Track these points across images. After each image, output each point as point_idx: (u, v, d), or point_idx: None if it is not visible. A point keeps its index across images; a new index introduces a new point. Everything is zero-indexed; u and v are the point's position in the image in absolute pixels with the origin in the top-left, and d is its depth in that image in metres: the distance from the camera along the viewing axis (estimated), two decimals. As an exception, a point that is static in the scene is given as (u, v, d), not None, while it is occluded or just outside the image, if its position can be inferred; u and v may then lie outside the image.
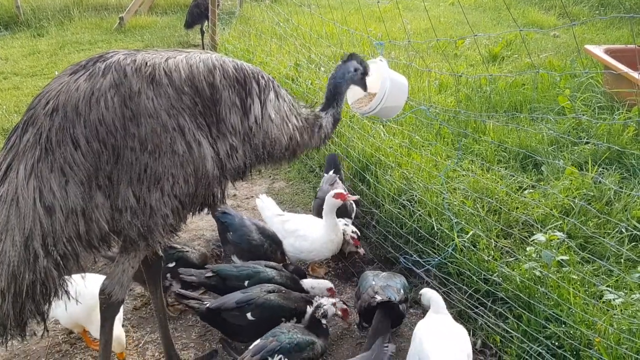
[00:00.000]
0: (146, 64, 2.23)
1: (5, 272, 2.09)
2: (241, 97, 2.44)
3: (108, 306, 2.51)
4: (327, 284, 3.50)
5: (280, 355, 2.71)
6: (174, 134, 2.22)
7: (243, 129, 2.45)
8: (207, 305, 3.12)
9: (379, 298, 3.07)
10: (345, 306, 3.25)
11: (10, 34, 10.90)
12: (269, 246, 3.73)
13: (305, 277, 3.60)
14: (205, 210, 2.58)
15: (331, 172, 4.47)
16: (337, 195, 3.70)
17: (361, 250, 3.94)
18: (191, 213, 2.48)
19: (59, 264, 2.14)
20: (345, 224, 3.94)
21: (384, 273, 3.40)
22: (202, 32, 9.01)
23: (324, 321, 3.04)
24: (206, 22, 8.80)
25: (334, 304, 3.14)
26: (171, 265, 3.47)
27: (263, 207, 4.09)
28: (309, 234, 3.76)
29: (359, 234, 3.97)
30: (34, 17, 11.40)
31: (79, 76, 2.17)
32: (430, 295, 3.08)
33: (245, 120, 2.46)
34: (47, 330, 2.35)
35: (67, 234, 2.12)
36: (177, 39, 10.06)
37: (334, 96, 3.00)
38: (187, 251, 3.58)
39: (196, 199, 2.38)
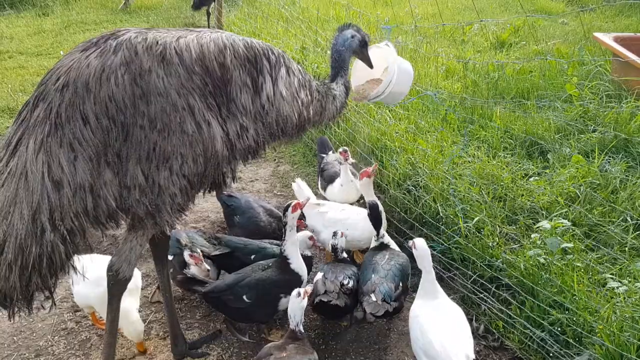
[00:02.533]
0: (157, 42, 2.23)
1: (12, 245, 2.10)
2: (252, 76, 2.44)
3: (115, 283, 2.53)
4: (307, 234, 3.45)
5: (351, 277, 3.16)
6: (183, 113, 2.22)
7: (254, 108, 2.45)
8: (204, 289, 3.12)
9: (373, 299, 2.96)
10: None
11: (15, 13, 10.82)
12: (277, 226, 3.74)
13: None
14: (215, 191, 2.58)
15: (331, 152, 4.46)
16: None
17: None
18: (200, 193, 2.49)
19: (65, 238, 2.15)
20: None
21: (387, 257, 3.23)
22: (208, 14, 8.95)
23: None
24: (213, 4, 8.75)
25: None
26: None
27: (300, 192, 3.97)
28: (359, 222, 3.57)
29: None
30: (39, -4, 11.31)
31: (90, 53, 2.17)
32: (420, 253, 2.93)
33: (256, 99, 2.45)
34: (55, 305, 2.36)
35: (75, 209, 2.13)
36: (182, 21, 9.98)
37: (340, 65, 3.00)
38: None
39: (205, 178, 2.39)
